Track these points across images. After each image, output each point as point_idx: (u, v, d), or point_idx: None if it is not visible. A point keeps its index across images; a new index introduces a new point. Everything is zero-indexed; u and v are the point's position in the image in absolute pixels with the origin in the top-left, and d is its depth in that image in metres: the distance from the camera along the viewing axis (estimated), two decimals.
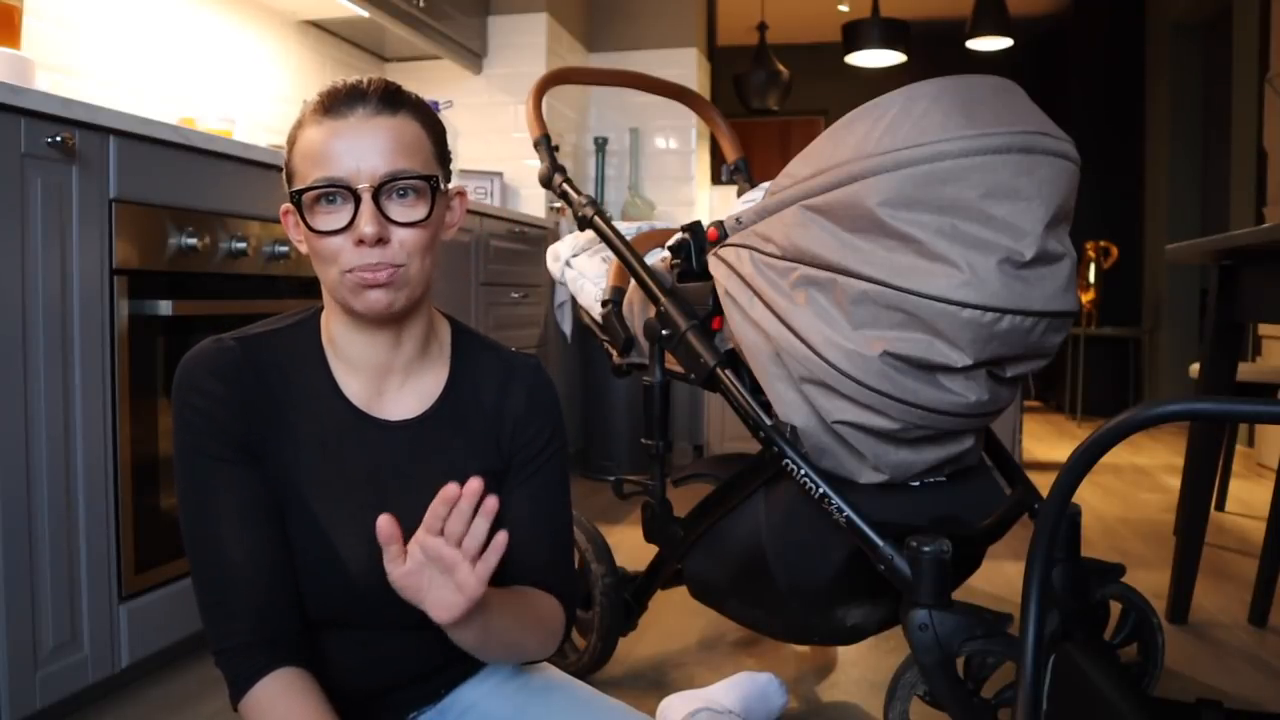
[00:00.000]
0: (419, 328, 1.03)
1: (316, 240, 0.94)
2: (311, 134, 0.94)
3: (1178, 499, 2.67)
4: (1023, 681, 0.87)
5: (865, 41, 5.13)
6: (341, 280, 0.94)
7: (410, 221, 0.94)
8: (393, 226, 0.93)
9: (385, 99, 0.94)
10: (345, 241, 0.92)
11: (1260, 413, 0.75)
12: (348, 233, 0.92)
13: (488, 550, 0.84)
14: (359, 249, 0.92)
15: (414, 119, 0.96)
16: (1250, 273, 1.95)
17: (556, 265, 1.90)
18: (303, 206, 0.93)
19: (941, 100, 1.19)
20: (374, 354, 1.01)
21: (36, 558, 1.45)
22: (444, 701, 1.11)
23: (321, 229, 0.93)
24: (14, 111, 1.40)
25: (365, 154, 0.92)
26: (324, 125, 0.93)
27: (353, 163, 0.92)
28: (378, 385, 1.03)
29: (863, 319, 1.24)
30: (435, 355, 1.06)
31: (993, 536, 1.44)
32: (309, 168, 0.93)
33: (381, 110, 0.94)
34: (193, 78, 2.69)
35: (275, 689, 0.92)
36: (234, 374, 0.97)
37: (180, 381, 0.98)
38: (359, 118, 0.93)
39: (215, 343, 0.99)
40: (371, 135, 0.92)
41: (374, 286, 0.93)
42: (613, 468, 3.64)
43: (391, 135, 0.93)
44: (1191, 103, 5.55)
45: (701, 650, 1.94)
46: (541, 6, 3.74)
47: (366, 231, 0.91)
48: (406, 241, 0.94)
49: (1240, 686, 1.78)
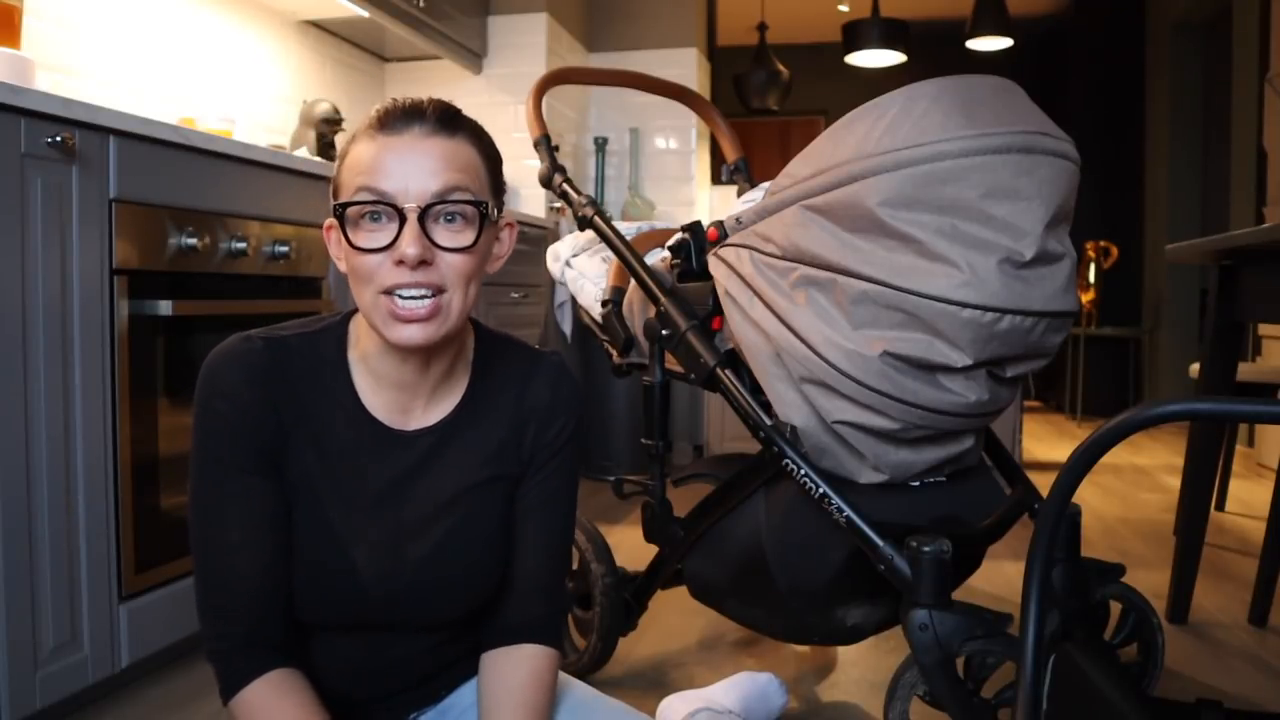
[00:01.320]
0: (449, 352, 1.00)
1: (355, 257, 0.89)
2: (363, 148, 0.91)
3: (1178, 499, 2.67)
4: (1023, 681, 0.87)
5: (865, 41, 5.13)
6: (376, 304, 0.90)
7: (456, 247, 0.90)
8: (437, 250, 0.89)
9: (443, 119, 0.91)
10: (385, 260, 0.88)
11: (1260, 413, 0.75)
12: (389, 252, 0.88)
13: None
14: (398, 269, 0.88)
15: (470, 144, 0.93)
16: (1250, 273, 1.95)
17: (556, 265, 1.89)
18: (345, 221, 0.90)
19: (941, 100, 1.19)
20: (402, 375, 0.98)
21: (36, 558, 1.45)
22: (444, 702, 1.11)
23: (362, 245, 0.89)
24: (14, 111, 1.40)
25: (415, 173, 0.88)
26: (377, 140, 0.90)
27: (401, 181, 0.88)
28: (403, 403, 1.00)
29: (863, 319, 1.24)
30: (460, 371, 1.04)
31: (993, 536, 1.43)
32: (355, 178, 0.90)
33: (438, 130, 0.91)
34: (193, 78, 2.69)
35: (267, 689, 0.92)
36: (260, 379, 0.94)
37: (205, 381, 0.95)
38: (414, 136, 0.90)
39: (244, 341, 0.96)
40: (424, 154, 0.89)
41: (412, 321, 0.89)
42: (613, 468, 3.64)
43: (445, 156, 0.90)
44: (1191, 103, 5.55)
45: (701, 650, 1.94)
46: (541, 6, 3.74)
47: (409, 253, 0.87)
48: (450, 267, 0.90)
49: (1240, 686, 1.78)
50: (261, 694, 0.92)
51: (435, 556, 1.00)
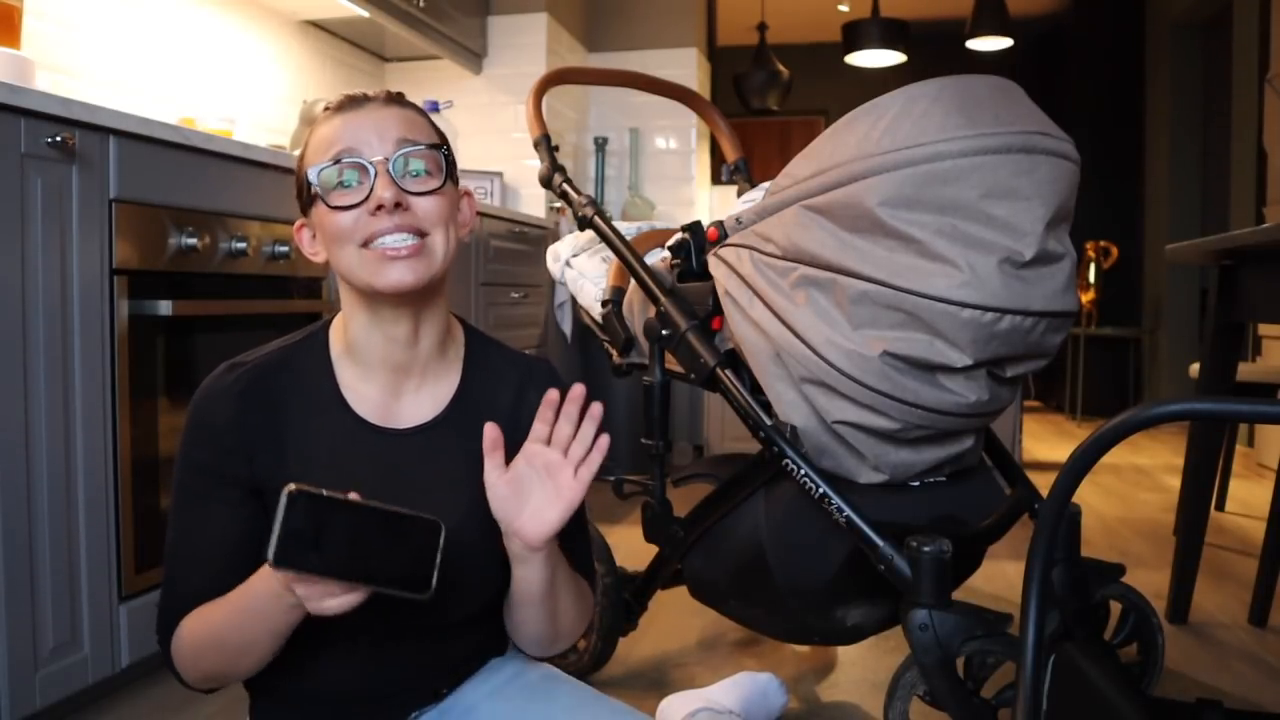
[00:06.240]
0: (437, 322, 1.03)
1: (333, 218, 0.94)
2: (323, 129, 0.97)
3: (1178, 499, 2.68)
4: (1023, 681, 0.87)
5: (865, 41, 5.13)
6: (361, 258, 0.95)
7: (426, 190, 0.96)
8: (410, 197, 0.95)
9: (394, 97, 1.00)
10: (361, 214, 0.94)
11: (1260, 413, 0.75)
12: (364, 205, 0.94)
13: (592, 452, 0.90)
14: (377, 216, 0.93)
15: (421, 116, 1.01)
16: (1250, 273, 1.95)
17: (556, 265, 1.90)
18: (320, 192, 0.95)
19: (941, 100, 1.19)
20: (392, 352, 1.01)
21: (36, 558, 1.45)
22: (445, 702, 1.11)
23: (338, 204, 0.94)
24: (14, 111, 1.40)
25: (376, 134, 0.95)
26: (335, 119, 0.97)
27: (364, 141, 0.95)
28: (395, 388, 1.02)
29: (863, 319, 1.24)
30: (451, 358, 1.06)
31: (993, 536, 1.43)
32: (322, 155, 0.96)
33: (391, 102, 0.99)
34: (193, 78, 2.69)
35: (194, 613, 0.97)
36: (240, 414, 0.97)
37: (191, 414, 1.00)
38: (371, 108, 0.97)
39: (229, 371, 1.00)
40: (382, 118, 0.96)
41: (398, 259, 0.94)
42: (613, 468, 3.62)
43: (401, 118, 0.98)
44: (1191, 103, 5.55)
45: (701, 650, 1.94)
46: (541, 6, 3.74)
47: (384, 195, 0.92)
48: (425, 211, 0.95)
49: (1240, 686, 1.78)
50: (190, 617, 0.97)
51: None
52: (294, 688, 1.03)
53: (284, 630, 0.91)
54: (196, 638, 0.96)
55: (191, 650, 0.96)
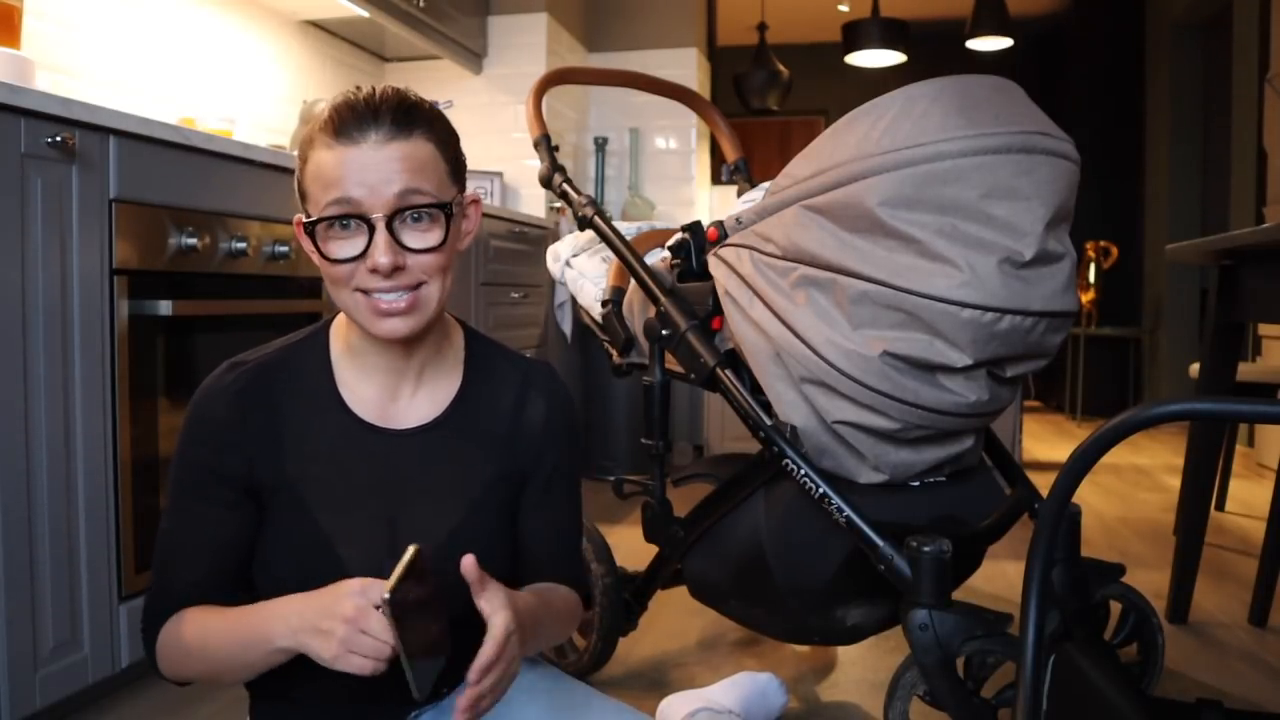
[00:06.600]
0: (432, 335, 1.03)
1: (330, 267, 0.93)
2: (323, 157, 0.92)
3: (1178, 499, 2.68)
4: (1023, 681, 0.87)
5: (865, 41, 5.12)
6: (355, 301, 0.94)
7: (425, 248, 0.93)
8: (407, 254, 0.92)
9: (398, 120, 0.92)
10: (359, 266, 0.92)
11: (1260, 413, 0.75)
12: (362, 261, 0.92)
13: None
14: (373, 275, 0.92)
15: (427, 138, 0.94)
16: (1250, 273, 1.95)
17: (556, 265, 1.89)
18: (316, 235, 0.93)
19: (941, 100, 1.19)
20: (388, 360, 1.01)
21: (36, 558, 1.45)
22: (445, 701, 1.11)
23: (336, 256, 0.92)
24: (14, 111, 1.40)
25: (378, 182, 0.90)
26: (335, 150, 0.91)
27: (366, 189, 0.90)
28: (392, 391, 1.03)
29: (863, 319, 1.24)
30: (450, 359, 1.07)
31: (993, 536, 1.43)
32: (321, 192, 0.92)
33: (395, 135, 0.91)
34: (193, 78, 2.69)
35: (183, 613, 0.98)
36: (239, 413, 0.98)
37: (190, 412, 1.00)
38: (372, 144, 0.91)
39: (229, 370, 1.00)
40: (384, 160, 0.91)
41: (392, 315, 0.93)
42: (613, 468, 3.64)
43: (403, 158, 0.91)
44: (1191, 103, 5.55)
45: (701, 650, 1.94)
46: (541, 6, 3.74)
47: (382, 262, 0.90)
48: (422, 266, 0.93)
49: (1240, 686, 1.78)
50: (176, 618, 0.98)
51: (436, 556, 1.00)
52: (294, 688, 1.03)
53: (270, 666, 0.94)
54: (185, 642, 0.96)
55: (179, 652, 0.97)
